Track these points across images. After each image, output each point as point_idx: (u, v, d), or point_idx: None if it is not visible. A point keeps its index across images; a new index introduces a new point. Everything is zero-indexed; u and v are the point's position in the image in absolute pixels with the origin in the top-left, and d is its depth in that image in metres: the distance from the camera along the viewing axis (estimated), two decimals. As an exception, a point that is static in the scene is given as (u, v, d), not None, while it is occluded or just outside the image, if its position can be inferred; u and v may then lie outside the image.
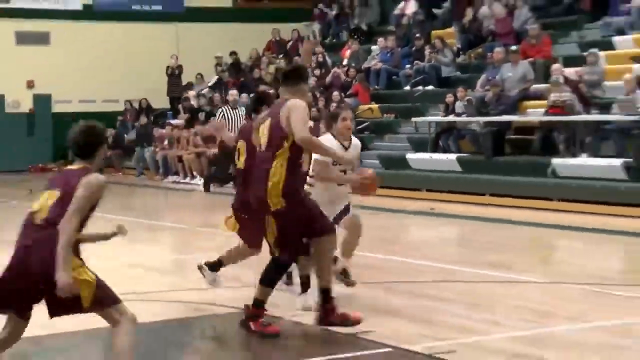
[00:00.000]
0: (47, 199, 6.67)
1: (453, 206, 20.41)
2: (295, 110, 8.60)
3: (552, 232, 17.17)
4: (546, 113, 21.11)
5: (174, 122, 30.60)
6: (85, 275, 6.73)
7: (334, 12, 33.41)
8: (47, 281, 6.34)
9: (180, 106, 31.22)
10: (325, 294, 8.98)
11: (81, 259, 6.89)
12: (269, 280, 8.90)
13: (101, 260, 13.80)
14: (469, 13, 27.36)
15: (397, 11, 30.69)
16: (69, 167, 7.04)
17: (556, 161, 20.24)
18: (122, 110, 32.67)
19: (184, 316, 10.43)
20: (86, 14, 32.32)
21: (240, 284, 12.01)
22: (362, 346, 8.46)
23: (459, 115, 22.53)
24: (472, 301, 10.44)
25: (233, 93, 23.11)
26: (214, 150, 26.52)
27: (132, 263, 14.32)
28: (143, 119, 31.58)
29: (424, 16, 29.73)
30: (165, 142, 29.95)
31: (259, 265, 10.06)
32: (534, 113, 21.94)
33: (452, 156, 22.43)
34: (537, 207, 19.34)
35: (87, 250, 10.48)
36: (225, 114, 20.49)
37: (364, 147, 19.76)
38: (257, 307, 8.85)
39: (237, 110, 20.78)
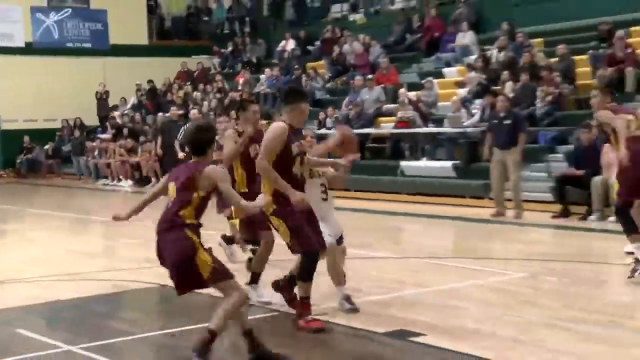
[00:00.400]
0: (171, 191, 6.60)
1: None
2: (268, 133, 7.87)
3: (401, 219, 17.40)
4: (395, 127, 21.39)
5: (102, 136, 29.92)
6: (204, 257, 6.42)
7: (230, 49, 33.08)
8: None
9: (107, 123, 30.61)
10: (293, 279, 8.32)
11: (200, 239, 6.52)
12: (305, 275, 7.86)
13: (44, 247, 13.31)
14: (336, 49, 27.30)
15: (279, 48, 30.65)
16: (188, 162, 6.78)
17: (403, 163, 20.44)
18: (60, 127, 32.00)
19: (111, 292, 10.17)
20: (28, 50, 31.47)
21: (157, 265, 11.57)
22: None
23: (329, 129, 22.49)
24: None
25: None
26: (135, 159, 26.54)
27: (69, 249, 13.91)
28: (77, 134, 30.91)
29: (300, 52, 29.65)
30: (96, 152, 29.37)
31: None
32: (386, 126, 21.99)
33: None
34: (389, 200, 19.50)
35: (35, 241, 10.02)
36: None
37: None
38: (304, 304, 7.87)
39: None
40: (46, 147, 31.63)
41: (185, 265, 6.38)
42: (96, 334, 8.03)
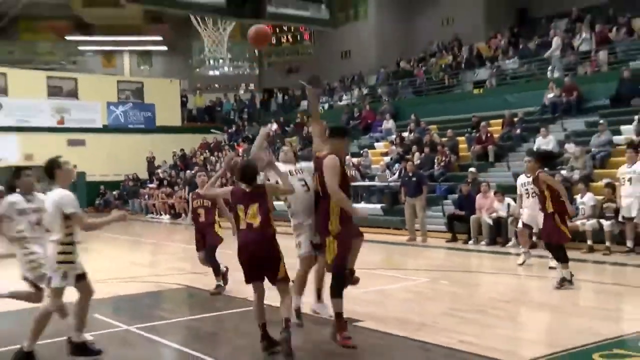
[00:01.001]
0: (254, 211, 5.99)
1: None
2: (325, 167, 6.37)
3: None
4: None
5: (150, 185, 29.73)
6: (283, 262, 6.11)
7: (234, 129, 33.22)
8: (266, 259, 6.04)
9: (154, 177, 30.42)
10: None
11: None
12: (337, 292, 6.44)
13: (111, 259, 13.09)
14: (305, 129, 27.21)
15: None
16: (244, 187, 6.12)
17: None
18: (123, 179, 31.81)
19: (154, 290, 10.11)
20: (104, 129, 31.50)
21: (187, 272, 11.59)
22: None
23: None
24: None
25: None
26: (171, 201, 26.44)
27: (127, 260, 13.76)
28: (133, 184, 31.01)
29: (281, 131, 29.37)
30: (146, 196, 29.17)
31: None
32: None
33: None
34: None
35: (106, 254, 10.00)
36: None
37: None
38: (338, 319, 6.46)
39: None
40: (114, 192, 31.40)
41: (276, 264, 6.01)
42: (145, 318, 8.07)
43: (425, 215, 16.41)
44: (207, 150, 31.32)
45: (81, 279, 6.33)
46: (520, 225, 11.70)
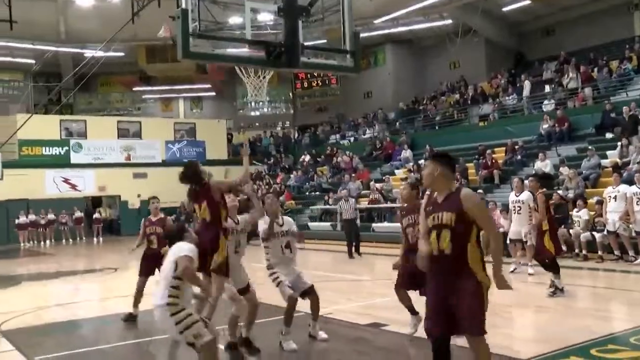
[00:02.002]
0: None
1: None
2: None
3: (372, 257, 16.36)
4: (368, 203, 20.88)
5: (203, 210, 29.75)
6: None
7: (272, 161, 33.26)
8: None
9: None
10: None
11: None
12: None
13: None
14: (334, 160, 27.30)
15: (301, 159, 30.54)
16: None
17: (374, 224, 19.90)
18: (179, 205, 31.98)
19: None
20: (163, 164, 31.59)
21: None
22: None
23: (330, 204, 22.26)
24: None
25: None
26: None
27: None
28: (188, 209, 30.93)
29: (313, 162, 29.49)
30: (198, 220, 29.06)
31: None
32: (364, 203, 21.03)
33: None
34: (368, 246, 17.91)
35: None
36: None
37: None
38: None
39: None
40: (171, 217, 31.44)
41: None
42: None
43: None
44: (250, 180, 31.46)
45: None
46: (508, 240, 11.67)
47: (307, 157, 30.27)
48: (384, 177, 22.45)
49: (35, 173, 28.05)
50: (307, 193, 26.61)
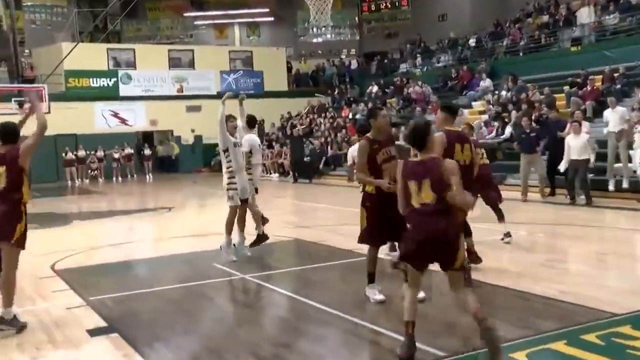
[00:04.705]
0: (425, 188, 4.43)
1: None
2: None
3: None
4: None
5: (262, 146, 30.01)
6: (463, 250, 4.62)
7: (336, 91, 33.11)
8: (444, 244, 4.41)
9: (264, 139, 30.48)
10: None
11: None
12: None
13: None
14: (405, 91, 27.10)
15: (368, 91, 30.39)
16: (415, 159, 4.62)
17: None
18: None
19: (268, 242, 9.44)
20: (218, 96, 31.29)
21: (295, 225, 11.64)
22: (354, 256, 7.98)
23: (399, 140, 22.10)
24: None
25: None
26: (280, 161, 26.57)
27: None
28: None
29: (381, 93, 29.30)
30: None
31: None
32: None
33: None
34: None
35: (222, 210, 10.29)
36: None
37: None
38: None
39: None
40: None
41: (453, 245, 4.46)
42: (260, 268, 8.24)
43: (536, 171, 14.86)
44: (312, 113, 31.41)
45: None
46: None
47: (375, 88, 29.93)
48: (459, 110, 21.81)
49: (84, 106, 28.72)
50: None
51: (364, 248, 6.31)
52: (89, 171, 28.68)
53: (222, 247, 8.58)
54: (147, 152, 29.94)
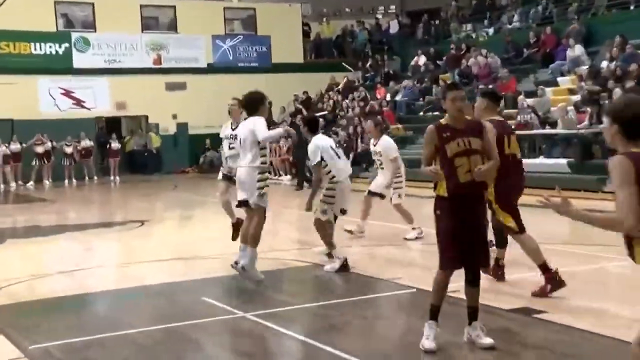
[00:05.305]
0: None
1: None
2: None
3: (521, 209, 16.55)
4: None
5: (266, 137, 30.07)
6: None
7: (369, 64, 33.21)
8: None
9: (271, 127, 30.69)
10: None
11: None
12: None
13: (221, 229, 12.99)
14: (463, 63, 26.96)
15: (413, 63, 30.52)
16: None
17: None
18: (234, 131, 32.56)
19: (275, 268, 10.11)
20: (209, 69, 32.02)
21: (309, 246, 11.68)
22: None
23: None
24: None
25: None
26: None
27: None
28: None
29: (433, 65, 29.41)
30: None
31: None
32: None
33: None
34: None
35: (214, 224, 10.12)
36: None
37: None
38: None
39: None
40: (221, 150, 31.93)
41: None
42: (264, 304, 8.20)
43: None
44: (337, 93, 31.44)
45: None
46: None
47: (422, 59, 29.90)
48: (538, 89, 21.92)
49: (23, 82, 28.61)
50: (422, 113, 26.37)
51: (406, 278, 6.28)
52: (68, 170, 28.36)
53: (244, 266, 8.76)
54: (114, 145, 29.96)
